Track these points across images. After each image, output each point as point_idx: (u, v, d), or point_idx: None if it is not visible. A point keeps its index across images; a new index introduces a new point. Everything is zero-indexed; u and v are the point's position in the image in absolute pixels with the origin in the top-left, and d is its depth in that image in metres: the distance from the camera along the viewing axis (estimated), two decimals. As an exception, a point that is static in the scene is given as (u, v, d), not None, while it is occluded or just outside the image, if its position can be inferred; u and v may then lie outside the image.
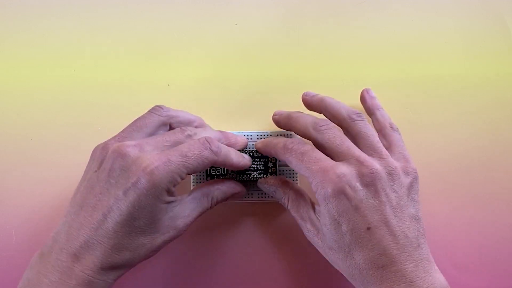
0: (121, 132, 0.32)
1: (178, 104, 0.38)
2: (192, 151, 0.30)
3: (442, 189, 0.38)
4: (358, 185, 0.29)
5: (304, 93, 0.36)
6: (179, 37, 0.39)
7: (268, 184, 0.35)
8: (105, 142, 0.31)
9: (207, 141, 0.31)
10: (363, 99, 0.37)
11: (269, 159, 0.35)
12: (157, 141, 0.31)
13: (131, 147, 0.29)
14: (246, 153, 0.35)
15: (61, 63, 0.39)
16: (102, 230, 0.28)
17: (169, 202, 0.30)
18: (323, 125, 0.32)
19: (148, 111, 0.33)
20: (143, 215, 0.28)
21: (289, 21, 0.40)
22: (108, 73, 0.39)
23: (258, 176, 0.35)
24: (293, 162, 0.31)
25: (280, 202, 0.35)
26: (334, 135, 0.31)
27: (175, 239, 0.31)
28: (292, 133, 0.37)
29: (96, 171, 0.30)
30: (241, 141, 0.35)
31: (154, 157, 0.29)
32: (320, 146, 0.32)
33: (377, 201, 0.29)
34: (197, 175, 0.36)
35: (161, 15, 0.39)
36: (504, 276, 0.38)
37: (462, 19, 0.40)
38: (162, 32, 0.39)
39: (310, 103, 0.36)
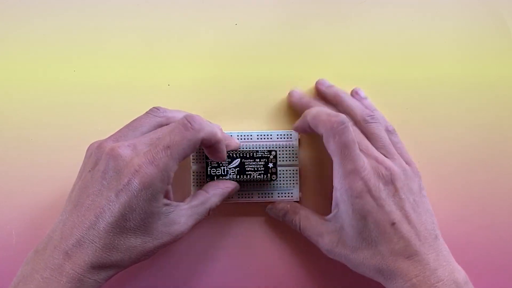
0: (117, 132, 0.32)
1: (178, 104, 0.38)
2: (173, 139, 0.29)
3: (442, 189, 0.38)
4: (381, 185, 0.31)
5: (317, 81, 0.38)
6: (179, 37, 0.39)
7: (276, 209, 0.36)
8: (100, 141, 0.31)
9: (187, 120, 0.30)
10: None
11: (269, 159, 0.35)
12: (151, 138, 0.31)
13: (124, 148, 0.29)
14: (247, 154, 0.35)
15: (61, 63, 0.39)
16: (94, 230, 0.28)
17: (164, 206, 0.30)
18: (340, 127, 0.31)
19: (145, 113, 0.33)
20: (134, 217, 0.28)
21: (289, 21, 0.40)
22: (108, 73, 0.39)
23: (258, 176, 0.35)
24: (331, 147, 0.31)
25: (291, 225, 0.36)
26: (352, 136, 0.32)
27: (169, 245, 0.31)
28: (292, 132, 0.37)
29: (90, 170, 0.30)
30: (235, 143, 0.36)
31: (141, 158, 0.29)
32: None
33: (397, 199, 0.31)
34: (197, 176, 0.36)
35: (161, 15, 0.39)
36: (505, 276, 0.38)
37: (462, 19, 0.40)
38: (162, 32, 0.39)
39: (324, 94, 0.37)
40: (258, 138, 0.36)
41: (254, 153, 0.35)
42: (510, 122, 0.39)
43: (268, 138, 0.37)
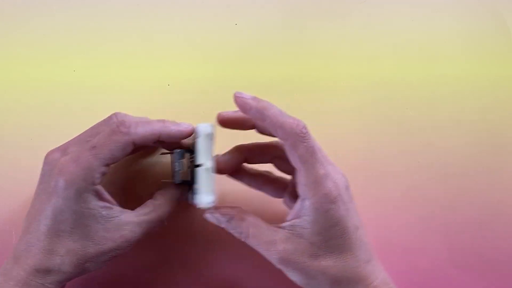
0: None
1: (178, 104, 0.38)
2: (100, 140, 0.29)
3: (442, 189, 0.38)
4: (345, 189, 0.30)
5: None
6: (179, 37, 0.39)
7: (219, 213, 0.31)
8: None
9: (117, 125, 0.29)
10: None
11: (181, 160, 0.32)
12: (80, 138, 0.31)
13: (55, 151, 0.31)
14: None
15: (61, 63, 0.39)
16: (35, 234, 0.29)
17: (101, 209, 0.29)
18: (307, 132, 0.29)
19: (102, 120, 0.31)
20: (66, 218, 0.29)
21: (289, 21, 0.40)
22: (108, 73, 0.39)
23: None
24: (299, 153, 0.28)
25: (235, 233, 0.31)
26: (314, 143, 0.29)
27: (119, 253, 0.30)
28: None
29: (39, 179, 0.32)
30: (184, 129, 0.30)
31: (66, 159, 0.29)
32: None
33: (354, 203, 0.31)
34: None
35: (161, 15, 0.39)
36: (505, 276, 0.38)
37: (462, 19, 0.40)
38: (162, 32, 0.39)
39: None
40: None
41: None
42: (510, 122, 0.39)
43: None
